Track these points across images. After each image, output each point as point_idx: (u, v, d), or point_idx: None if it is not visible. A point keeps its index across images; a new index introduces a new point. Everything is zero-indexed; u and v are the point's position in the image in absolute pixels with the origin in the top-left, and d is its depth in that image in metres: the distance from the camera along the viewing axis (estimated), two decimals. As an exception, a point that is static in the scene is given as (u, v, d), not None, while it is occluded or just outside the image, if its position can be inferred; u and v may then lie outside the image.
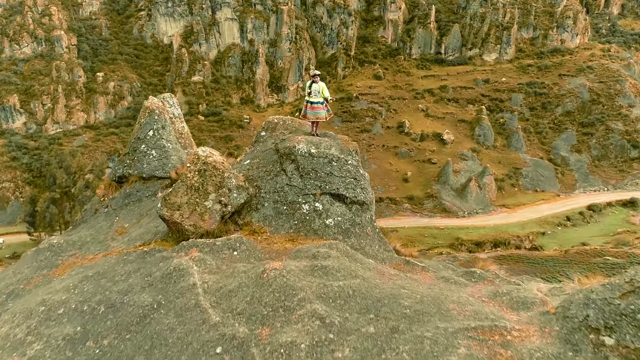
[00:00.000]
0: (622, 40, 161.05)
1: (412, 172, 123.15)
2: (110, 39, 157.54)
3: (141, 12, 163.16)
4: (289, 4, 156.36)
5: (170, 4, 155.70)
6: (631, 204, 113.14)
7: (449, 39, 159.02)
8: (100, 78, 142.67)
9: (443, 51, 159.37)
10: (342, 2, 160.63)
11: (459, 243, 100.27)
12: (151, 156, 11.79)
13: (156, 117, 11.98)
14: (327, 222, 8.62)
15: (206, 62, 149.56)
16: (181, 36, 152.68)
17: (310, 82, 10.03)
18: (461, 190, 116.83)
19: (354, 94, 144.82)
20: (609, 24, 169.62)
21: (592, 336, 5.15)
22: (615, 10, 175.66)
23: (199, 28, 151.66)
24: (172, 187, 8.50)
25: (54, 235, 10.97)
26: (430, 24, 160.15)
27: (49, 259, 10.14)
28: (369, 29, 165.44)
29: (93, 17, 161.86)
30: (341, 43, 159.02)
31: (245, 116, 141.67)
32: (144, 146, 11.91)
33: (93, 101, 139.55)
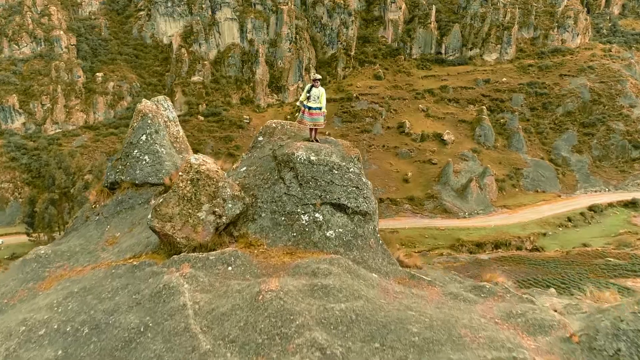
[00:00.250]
0: (622, 40, 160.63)
1: (412, 173, 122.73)
2: (110, 39, 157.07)
3: (141, 12, 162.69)
4: (289, 4, 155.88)
5: (169, 4, 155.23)
6: (632, 204, 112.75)
7: (449, 39, 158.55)
8: (100, 78, 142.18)
9: (443, 51, 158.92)
10: (342, 2, 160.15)
11: (459, 244, 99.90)
12: (144, 162, 11.31)
13: (149, 121, 11.50)
14: (328, 234, 8.13)
15: (206, 62, 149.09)
16: (181, 36, 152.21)
17: (310, 86, 9.52)
18: (462, 191, 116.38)
19: (354, 94, 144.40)
20: (609, 24, 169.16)
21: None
22: (616, 10, 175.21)
23: (198, 28, 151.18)
24: (163, 197, 8.01)
25: (41, 246, 10.47)
26: (430, 24, 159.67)
27: (35, 270, 9.67)
28: (369, 29, 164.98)
29: (92, 17, 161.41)
30: (341, 43, 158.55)
31: (245, 116, 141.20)
32: (136, 151, 11.43)
33: (92, 101, 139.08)
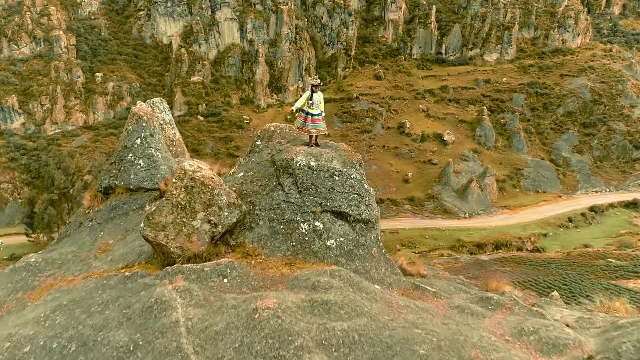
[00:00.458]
0: (623, 40, 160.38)
1: (412, 173, 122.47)
2: (110, 39, 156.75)
3: (140, 12, 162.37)
4: (289, 3, 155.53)
5: (169, 4, 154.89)
6: (633, 205, 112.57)
7: (449, 39, 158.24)
8: (99, 78, 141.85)
9: (444, 51, 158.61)
10: (342, 2, 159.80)
11: (460, 245, 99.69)
12: (139, 166, 10.97)
13: (144, 124, 11.16)
14: (329, 244, 7.78)
15: (206, 62, 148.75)
16: (180, 36, 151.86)
17: (310, 93, 9.09)
18: (462, 191, 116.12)
19: (354, 94, 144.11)
20: (610, 24, 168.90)
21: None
22: (616, 10, 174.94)
23: (198, 28, 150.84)
24: (156, 206, 7.67)
25: (31, 254, 10.14)
26: (430, 23, 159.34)
27: (25, 279, 9.33)
28: (369, 29, 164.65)
29: (92, 17, 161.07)
30: (341, 43, 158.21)
31: (245, 116, 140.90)
32: (131, 155, 11.09)
33: (92, 101, 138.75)
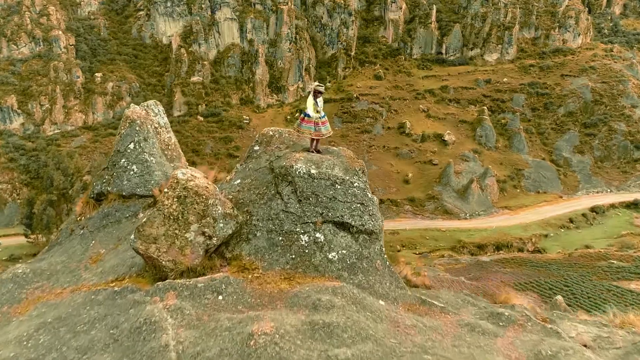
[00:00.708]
0: (624, 40, 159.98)
1: (413, 174, 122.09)
2: (109, 39, 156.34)
3: (140, 12, 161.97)
4: (289, 3, 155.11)
5: (169, 4, 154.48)
6: (634, 205, 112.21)
7: (450, 39, 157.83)
8: (99, 78, 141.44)
9: (444, 51, 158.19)
10: (342, 2, 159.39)
11: (460, 245, 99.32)
12: (132, 172, 10.53)
13: (137, 128, 10.72)
14: (330, 256, 7.33)
15: (205, 62, 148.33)
16: (180, 36, 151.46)
17: (313, 98, 8.68)
18: (463, 192, 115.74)
19: (355, 95, 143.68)
20: (611, 24, 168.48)
21: None
22: (617, 10, 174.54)
23: (198, 28, 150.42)
24: (147, 216, 7.24)
25: (18, 265, 9.71)
26: (431, 23, 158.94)
27: (11, 292, 8.91)
28: (369, 29, 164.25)
29: (91, 17, 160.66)
30: (341, 43, 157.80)
31: (244, 117, 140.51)
32: (124, 160, 10.65)
33: (91, 102, 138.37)
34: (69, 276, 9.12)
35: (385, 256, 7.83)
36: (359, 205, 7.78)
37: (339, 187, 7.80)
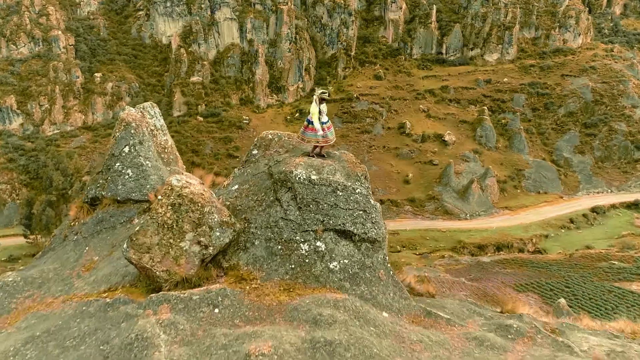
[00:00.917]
0: (624, 40, 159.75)
1: (413, 174, 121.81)
2: (109, 39, 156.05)
3: (139, 12, 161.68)
4: (289, 3, 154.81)
5: (168, 4, 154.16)
6: (635, 206, 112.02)
7: (450, 39, 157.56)
8: (98, 78, 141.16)
9: (444, 51, 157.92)
10: (342, 1, 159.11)
11: (461, 246, 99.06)
12: (127, 176, 10.22)
13: (133, 131, 10.42)
14: (331, 266, 7.02)
15: (205, 62, 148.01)
16: (180, 36, 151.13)
17: (317, 105, 8.37)
18: (463, 192, 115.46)
19: (355, 95, 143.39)
20: (611, 24, 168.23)
21: None
22: (617, 10, 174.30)
23: (197, 28, 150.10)
24: (140, 225, 6.93)
25: (8, 272, 9.41)
26: (431, 23, 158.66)
27: (1, 301, 8.62)
28: (369, 28, 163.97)
29: (91, 17, 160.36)
30: (341, 43, 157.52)
31: (244, 117, 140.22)
32: (118, 164, 10.35)
33: (91, 102, 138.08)
34: (60, 285, 8.82)
35: (389, 265, 7.53)
36: (361, 212, 7.47)
37: (340, 193, 7.49)
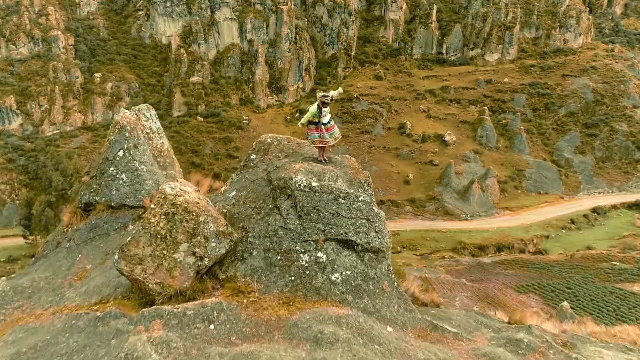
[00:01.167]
0: (625, 40, 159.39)
1: (413, 174, 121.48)
2: (108, 39, 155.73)
3: (139, 12, 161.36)
4: (289, 3, 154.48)
5: (168, 4, 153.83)
6: (636, 206, 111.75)
7: (450, 39, 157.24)
8: (98, 79, 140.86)
9: (444, 51, 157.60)
10: (342, 1, 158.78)
11: (461, 247, 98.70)
12: (121, 181, 9.89)
13: (127, 135, 10.08)
14: (333, 278, 6.68)
15: (205, 62, 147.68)
16: (180, 36, 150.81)
17: (317, 108, 8.06)
18: (463, 193, 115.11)
19: (355, 95, 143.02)
20: (612, 24, 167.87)
21: None
22: (618, 10, 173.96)
23: (197, 28, 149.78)
24: (132, 235, 6.59)
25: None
26: (431, 23, 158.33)
27: (-11, 312, 8.28)
28: (369, 28, 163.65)
29: (91, 17, 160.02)
30: (341, 43, 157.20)
31: (244, 117, 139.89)
32: (113, 169, 10.02)
33: (90, 102, 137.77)
34: (51, 295, 8.49)
35: (393, 276, 7.19)
36: (364, 221, 7.13)
37: (342, 201, 7.15)
